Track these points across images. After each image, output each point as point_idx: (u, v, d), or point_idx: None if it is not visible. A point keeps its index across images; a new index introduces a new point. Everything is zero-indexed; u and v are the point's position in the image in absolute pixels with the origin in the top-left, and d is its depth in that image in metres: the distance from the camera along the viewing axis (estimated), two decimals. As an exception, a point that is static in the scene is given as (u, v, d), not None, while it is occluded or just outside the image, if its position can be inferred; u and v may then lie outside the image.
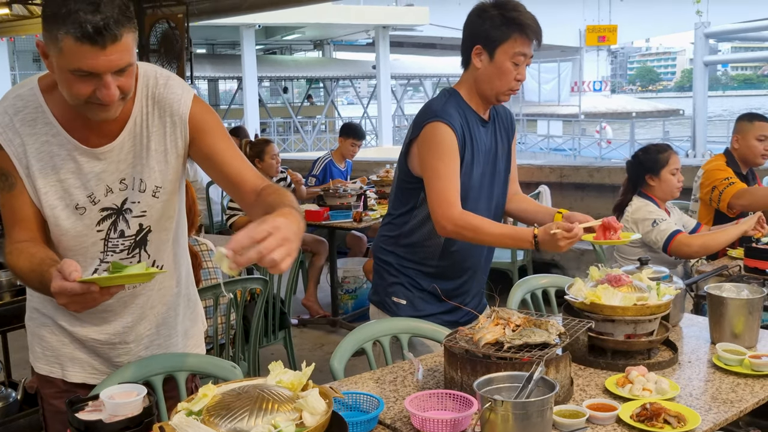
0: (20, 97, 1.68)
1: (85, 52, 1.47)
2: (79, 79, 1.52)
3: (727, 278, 2.88)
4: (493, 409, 1.45)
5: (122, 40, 1.50)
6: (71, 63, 1.49)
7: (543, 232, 2.20)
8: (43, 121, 1.67)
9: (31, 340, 1.91)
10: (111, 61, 1.50)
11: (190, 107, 1.75)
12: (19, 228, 1.70)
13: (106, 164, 1.72)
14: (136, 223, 1.79)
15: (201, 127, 1.76)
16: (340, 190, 5.09)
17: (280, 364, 1.53)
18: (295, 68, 27.14)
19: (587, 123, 28.09)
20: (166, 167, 1.77)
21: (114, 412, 1.39)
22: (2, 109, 1.68)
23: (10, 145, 1.67)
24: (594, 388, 1.87)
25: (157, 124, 1.74)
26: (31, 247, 1.66)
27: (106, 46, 1.47)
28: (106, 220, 1.76)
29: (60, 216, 1.71)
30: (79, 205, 1.72)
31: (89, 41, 1.46)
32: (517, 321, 1.83)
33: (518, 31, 2.27)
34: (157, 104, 1.73)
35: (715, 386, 1.86)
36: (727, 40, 45.16)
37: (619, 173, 6.06)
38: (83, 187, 1.71)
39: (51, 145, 1.68)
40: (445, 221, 2.26)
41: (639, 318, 2.00)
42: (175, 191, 1.82)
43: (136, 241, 1.80)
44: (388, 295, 2.49)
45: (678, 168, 3.38)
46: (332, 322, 5.29)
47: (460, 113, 2.34)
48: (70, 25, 1.45)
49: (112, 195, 1.74)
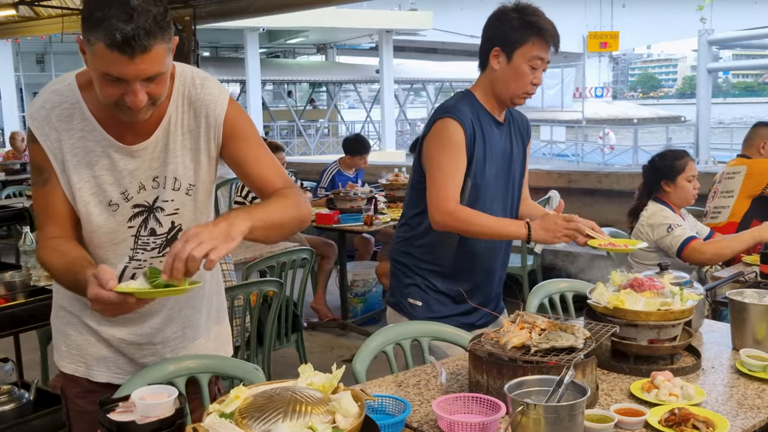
0: (58, 93, 1.69)
1: (114, 59, 1.48)
2: (109, 82, 1.53)
3: (743, 284, 2.88)
4: (525, 413, 1.45)
5: (152, 51, 1.50)
6: (101, 67, 1.51)
7: (536, 222, 2.23)
8: (80, 116, 1.68)
9: (57, 338, 1.91)
10: (139, 70, 1.51)
11: (226, 110, 1.76)
12: (52, 223, 1.71)
13: (140, 162, 1.72)
14: (169, 221, 1.79)
15: (234, 131, 1.77)
16: (350, 194, 5.09)
17: (310, 366, 1.52)
18: (298, 72, 27.18)
19: (589, 129, 28.11)
20: (199, 166, 1.78)
21: (146, 414, 1.38)
22: (39, 103, 1.69)
23: (46, 139, 1.68)
24: (619, 392, 1.87)
25: (193, 124, 1.75)
26: (63, 245, 1.68)
27: (134, 56, 1.48)
28: (137, 216, 1.76)
29: (93, 212, 1.72)
30: (112, 201, 1.73)
31: (118, 50, 1.47)
32: (542, 325, 1.83)
33: (537, 34, 2.29)
34: (193, 104, 1.74)
35: (740, 392, 1.86)
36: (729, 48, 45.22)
37: (627, 179, 6.07)
38: (117, 183, 1.72)
39: (87, 141, 1.69)
40: (438, 214, 2.29)
41: (662, 323, 1.99)
42: (207, 192, 1.83)
43: (168, 240, 1.80)
44: (404, 297, 2.49)
45: (694, 175, 3.38)
46: (342, 325, 5.28)
47: (472, 111, 2.36)
48: (102, 31, 1.46)
49: (144, 192, 1.75)
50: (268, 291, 3.37)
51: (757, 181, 3.93)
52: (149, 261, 1.81)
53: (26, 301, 3.18)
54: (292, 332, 3.78)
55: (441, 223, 2.30)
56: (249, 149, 1.78)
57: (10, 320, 3.12)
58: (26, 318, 3.15)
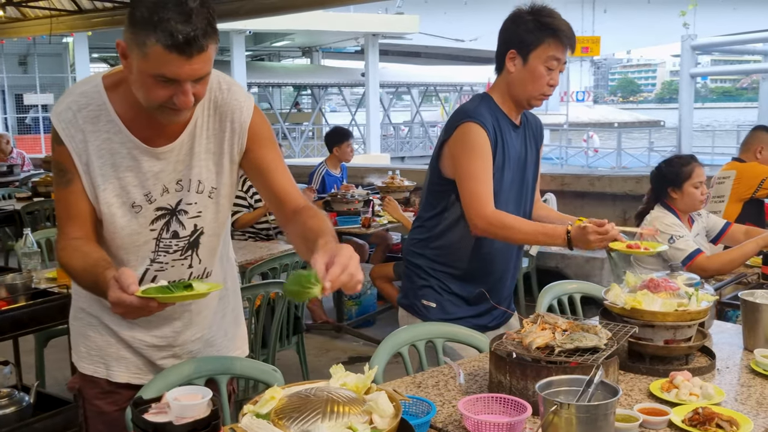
0: (84, 94, 1.68)
1: (171, 60, 1.49)
2: (159, 83, 1.53)
3: (746, 286, 2.92)
4: (558, 413, 1.45)
5: (207, 51, 1.52)
6: (155, 68, 1.50)
7: (576, 228, 2.23)
8: (106, 118, 1.67)
9: (76, 340, 1.90)
10: (194, 70, 1.52)
11: (251, 116, 1.76)
12: (73, 224, 1.71)
13: (165, 164, 1.72)
14: (192, 223, 1.79)
15: (258, 138, 1.78)
16: (347, 196, 5.09)
17: (341, 367, 1.52)
18: (283, 75, 27.13)
19: (572, 132, 28.33)
20: (221, 170, 1.78)
21: (181, 414, 1.37)
22: (66, 105, 1.68)
23: (71, 141, 1.67)
24: (638, 392, 1.88)
25: (218, 128, 1.75)
26: (84, 246, 1.67)
27: (192, 56, 1.49)
28: (159, 219, 1.76)
29: (116, 213, 1.71)
30: (135, 203, 1.72)
31: (177, 51, 1.47)
32: (564, 326, 1.84)
33: (552, 36, 2.30)
34: (219, 108, 1.75)
35: (758, 391, 1.88)
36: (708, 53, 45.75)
37: (619, 182, 6.12)
38: (141, 185, 1.72)
39: (112, 143, 1.68)
40: (478, 219, 2.28)
41: (679, 324, 2.01)
42: (228, 196, 1.83)
43: (190, 243, 1.80)
44: (417, 298, 2.49)
45: (702, 181, 3.33)
46: (337, 327, 5.28)
47: (492, 116, 2.36)
48: (160, 32, 1.46)
49: (167, 195, 1.74)
50: (271, 293, 3.36)
51: (746, 185, 3.98)
52: (171, 263, 1.80)
53: (27, 303, 3.15)
54: (293, 334, 3.76)
55: (482, 228, 2.29)
56: (271, 157, 1.79)
57: (11, 323, 3.09)
58: (27, 321, 3.12)
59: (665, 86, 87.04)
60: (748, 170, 4.01)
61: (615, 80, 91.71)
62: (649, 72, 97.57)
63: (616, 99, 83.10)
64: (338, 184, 5.96)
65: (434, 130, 29.07)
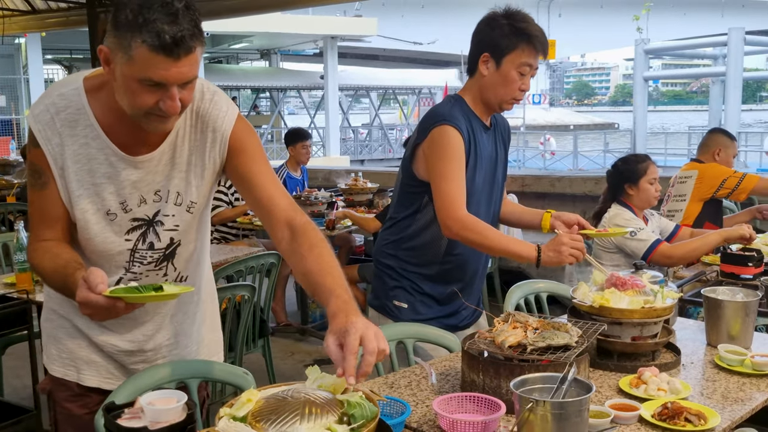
0: (63, 96, 1.64)
1: (158, 62, 1.45)
2: (145, 88, 1.49)
3: (705, 283, 2.99)
4: (533, 410, 1.47)
5: (194, 53, 1.49)
6: (141, 72, 1.47)
7: (546, 245, 2.24)
8: (85, 122, 1.64)
9: (47, 342, 1.86)
10: (181, 72, 1.49)
11: (233, 126, 1.73)
12: (46, 227, 1.67)
13: (143, 174, 1.69)
14: (168, 236, 1.76)
15: (241, 148, 1.74)
16: (311, 198, 5.07)
17: (317, 368, 1.51)
18: (242, 77, 26.90)
19: (528, 135, 28.69)
20: (202, 182, 1.75)
21: (155, 419, 1.35)
22: (44, 106, 1.64)
23: (48, 143, 1.63)
24: (608, 389, 1.91)
25: (200, 138, 1.72)
26: (55, 247, 1.64)
27: (180, 57, 1.46)
28: (135, 230, 1.73)
29: (90, 220, 1.68)
30: (110, 211, 1.69)
31: (164, 52, 1.44)
32: (535, 324, 1.86)
33: (526, 41, 2.31)
34: (201, 119, 1.72)
35: (723, 385, 1.93)
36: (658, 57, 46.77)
37: (579, 183, 6.22)
38: (117, 194, 1.68)
39: (90, 148, 1.64)
40: (452, 222, 2.28)
41: (645, 321, 2.05)
42: (204, 206, 1.81)
43: (165, 255, 1.78)
44: (389, 299, 2.49)
45: (656, 178, 3.49)
46: (301, 330, 5.26)
47: (465, 118, 2.37)
48: (147, 33, 1.43)
49: (145, 206, 1.71)
50: (237, 296, 3.33)
51: (708, 185, 4.09)
52: (145, 273, 1.78)
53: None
54: (259, 337, 3.73)
55: (455, 231, 2.29)
56: (257, 166, 1.75)
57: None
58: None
59: (619, 89, 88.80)
60: (710, 170, 4.11)
61: (570, 83, 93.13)
62: (603, 75, 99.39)
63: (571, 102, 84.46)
64: (300, 186, 5.94)
65: (393, 132, 29.14)
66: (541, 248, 2.27)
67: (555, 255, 2.24)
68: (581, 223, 2.41)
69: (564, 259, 2.24)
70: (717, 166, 4.11)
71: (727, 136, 4.20)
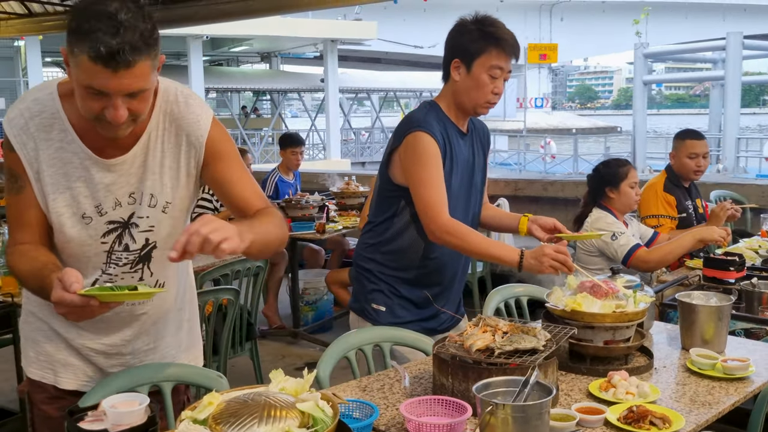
0: (38, 101, 1.66)
1: (97, 72, 1.47)
2: (90, 95, 1.52)
3: (687, 287, 3.00)
4: (494, 413, 1.49)
5: (136, 67, 1.49)
6: (85, 79, 1.50)
7: (529, 252, 2.26)
8: (59, 127, 1.66)
9: (25, 344, 1.88)
10: (122, 84, 1.50)
11: (208, 131, 1.75)
12: (23, 230, 1.69)
13: (117, 176, 1.71)
14: (143, 237, 1.78)
15: (216, 153, 1.76)
16: (302, 202, 5.09)
17: (281, 372, 1.53)
18: (242, 80, 26.91)
19: (530, 138, 28.70)
20: (177, 184, 1.77)
21: (117, 422, 1.37)
22: (18, 111, 1.66)
23: (23, 148, 1.65)
24: (578, 392, 1.93)
25: (173, 142, 1.74)
26: (32, 250, 1.66)
27: (118, 70, 1.47)
28: (111, 233, 1.74)
29: (66, 223, 1.70)
30: (86, 214, 1.71)
31: (102, 62, 1.46)
32: (504, 328, 1.88)
33: (494, 44, 2.34)
34: (175, 122, 1.73)
35: (692, 389, 1.94)
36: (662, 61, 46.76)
37: (572, 187, 6.22)
38: (92, 197, 1.70)
39: (64, 152, 1.67)
40: (435, 226, 2.31)
41: (618, 324, 2.06)
42: (184, 209, 1.82)
43: (140, 257, 1.79)
44: (367, 302, 2.51)
45: (636, 182, 3.51)
46: (293, 333, 5.26)
47: (440, 124, 2.39)
48: (86, 43, 1.45)
49: (120, 208, 1.73)
50: (223, 299, 3.35)
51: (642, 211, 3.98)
52: (121, 276, 1.80)
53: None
54: (246, 341, 3.75)
55: (438, 236, 2.31)
56: (231, 170, 1.78)
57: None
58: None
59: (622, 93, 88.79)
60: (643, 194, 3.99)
61: (573, 87, 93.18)
62: (606, 79, 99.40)
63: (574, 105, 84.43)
64: (292, 189, 5.95)
65: (395, 135, 29.05)
66: (524, 253, 2.28)
67: (536, 263, 2.25)
68: (557, 227, 2.43)
69: (543, 269, 2.25)
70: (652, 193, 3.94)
71: (681, 138, 4.03)
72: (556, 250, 2.24)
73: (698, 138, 4.02)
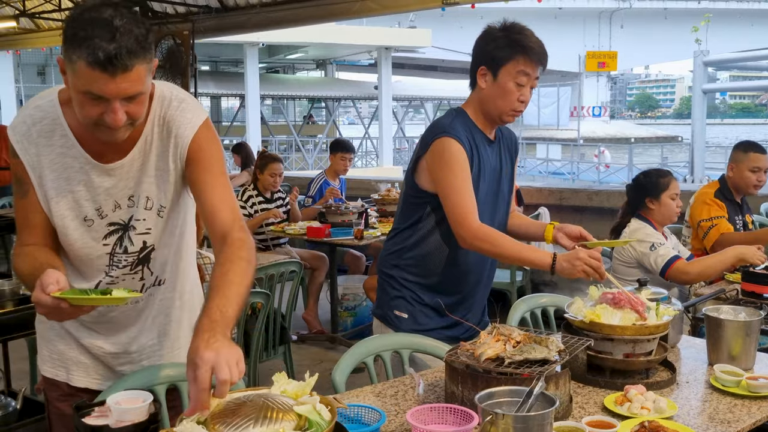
0: (40, 108, 1.73)
1: (95, 77, 1.52)
2: (89, 100, 1.56)
3: (724, 301, 2.91)
4: (494, 423, 1.47)
5: (133, 71, 1.53)
6: (83, 85, 1.54)
7: (562, 255, 2.23)
8: (60, 133, 1.72)
9: (40, 343, 1.95)
10: (120, 88, 1.54)
11: (194, 133, 1.77)
12: (29, 233, 1.76)
13: (116, 180, 1.76)
14: (140, 240, 1.82)
15: (197, 156, 1.77)
16: (342, 208, 5.12)
17: (284, 374, 1.55)
18: (297, 87, 27.28)
19: (586, 147, 28.26)
20: (167, 186, 1.81)
21: (120, 418, 1.41)
22: (21, 118, 1.73)
23: (25, 154, 1.72)
24: (593, 405, 1.89)
25: (165, 144, 1.78)
26: (35, 251, 1.72)
27: (116, 74, 1.52)
28: (112, 234, 1.80)
29: (69, 226, 1.76)
30: (87, 217, 1.76)
31: (100, 68, 1.50)
32: (518, 337, 1.86)
33: (521, 52, 2.32)
34: (167, 125, 1.77)
35: (712, 406, 1.88)
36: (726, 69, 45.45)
37: (617, 197, 6.11)
38: (92, 200, 1.76)
39: (65, 157, 1.72)
40: (465, 232, 2.30)
41: (638, 337, 2.02)
42: (175, 209, 1.86)
43: (139, 258, 1.84)
44: (390, 309, 2.51)
45: (677, 193, 3.42)
46: (331, 338, 5.30)
47: (466, 130, 2.39)
48: (84, 49, 1.50)
49: (120, 211, 1.78)
50: (257, 303, 3.40)
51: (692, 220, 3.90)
52: (122, 277, 1.84)
53: (15, 309, 3.20)
54: (279, 344, 3.79)
55: (469, 242, 2.30)
56: (208, 176, 1.77)
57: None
58: (14, 326, 3.17)
59: (684, 102, 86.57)
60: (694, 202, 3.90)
61: (633, 95, 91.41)
62: (667, 87, 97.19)
63: (633, 114, 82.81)
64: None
65: (448, 143, 28.97)
66: (557, 256, 2.26)
67: (569, 266, 2.23)
68: (583, 235, 2.39)
69: (576, 273, 2.23)
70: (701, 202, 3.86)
71: (744, 150, 3.91)
72: (590, 255, 2.22)
73: (762, 152, 3.93)
